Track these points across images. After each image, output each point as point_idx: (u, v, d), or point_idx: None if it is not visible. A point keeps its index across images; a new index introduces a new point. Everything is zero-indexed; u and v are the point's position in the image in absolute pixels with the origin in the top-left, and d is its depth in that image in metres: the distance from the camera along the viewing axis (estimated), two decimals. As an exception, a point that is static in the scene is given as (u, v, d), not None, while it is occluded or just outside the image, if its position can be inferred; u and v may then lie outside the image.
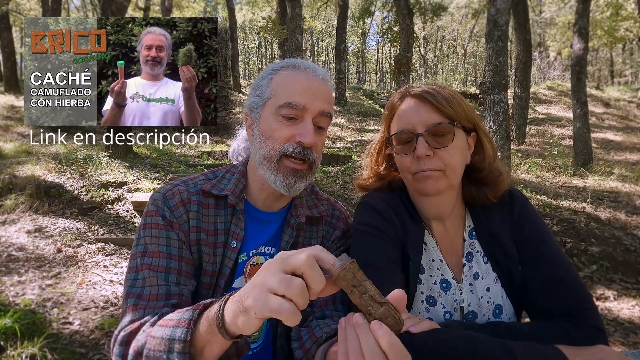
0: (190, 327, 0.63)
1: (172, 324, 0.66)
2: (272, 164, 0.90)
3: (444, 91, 0.94)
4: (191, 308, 0.67)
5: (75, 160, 5.82)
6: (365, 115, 14.09)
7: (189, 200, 0.93)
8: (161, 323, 0.70)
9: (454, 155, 0.91)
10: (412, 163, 0.93)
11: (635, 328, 3.01)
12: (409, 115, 0.94)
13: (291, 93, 0.89)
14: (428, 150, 0.90)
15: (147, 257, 0.84)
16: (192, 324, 0.63)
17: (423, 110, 0.92)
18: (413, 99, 0.95)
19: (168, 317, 0.70)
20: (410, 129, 0.93)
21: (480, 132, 0.98)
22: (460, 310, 0.93)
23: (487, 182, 0.97)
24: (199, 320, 0.64)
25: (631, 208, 5.27)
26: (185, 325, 0.64)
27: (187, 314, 0.66)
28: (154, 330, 0.69)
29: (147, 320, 0.75)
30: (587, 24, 8.14)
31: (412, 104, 0.94)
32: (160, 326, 0.69)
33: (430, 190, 0.92)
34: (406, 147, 0.94)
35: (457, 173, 0.93)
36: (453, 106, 0.91)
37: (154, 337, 0.67)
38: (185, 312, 0.67)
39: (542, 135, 11.58)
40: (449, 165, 0.91)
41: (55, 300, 2.85)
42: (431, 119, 0.91)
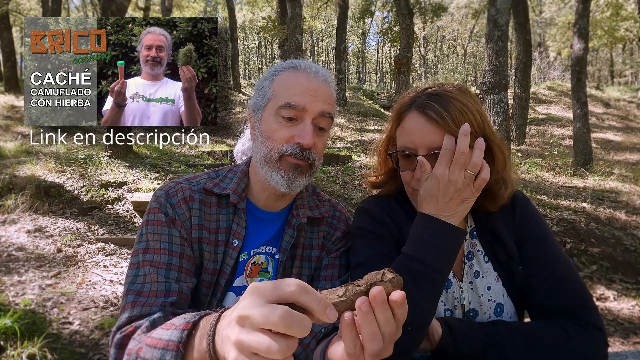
0: (180, 350, 0.61)
1: (162, 345, 0.64)
2: (273, 164, 0.90)
3: (454, 104, 0.87)
4: (180, 327, 0.64)
5: (76, 160, 5.82)
6: (365, 115, 14.09)
7: (192, 198, 0.93)
8: (149, 342, 0.67)
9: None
10: (412, 180, 0.92)
11: (635, 328, 3.01)
12: (413, 133, 0.90)
13: (291, 94, 0.90)
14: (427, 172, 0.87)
15: (149, 254, 0.85)
16: (182, 347, 0.61)
17: (427, 131, 0.87)
18: (420, 114, 0.89)
19: (157, 335, 0.67)
20: (412, 149, 0.90)
21: (492, 143, 0.91)
22: (462, 308, 0.93)
23: (487, 195, 0.92)
24: (190, 342, 0.62)
25: (631, 208, 5.27)
26: (174, 349, 0.62)
27: (176, 335, 0.63)
28: (144, 350, 0.67)
29: (141, 324, 0.75)
30: (587, 24, 8.14)
31: (418, 120, 0.89)
32: (148, 346, 0.66)
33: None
34: (407, 164, 0.92)
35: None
36: (458, 123, 0.85)
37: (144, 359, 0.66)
38: (175, 332, 0.63)
39: (542, 135, 11.59)
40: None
41: (55, 300, 2.85)
42: (433, 143, 0.86)
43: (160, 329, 0.68)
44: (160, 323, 0.73)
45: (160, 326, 0.70)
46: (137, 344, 0.70)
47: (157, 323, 0.74)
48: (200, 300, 0.92)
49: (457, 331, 0.83)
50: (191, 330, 0.63)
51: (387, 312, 0.51)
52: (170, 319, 0.71)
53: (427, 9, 17.78)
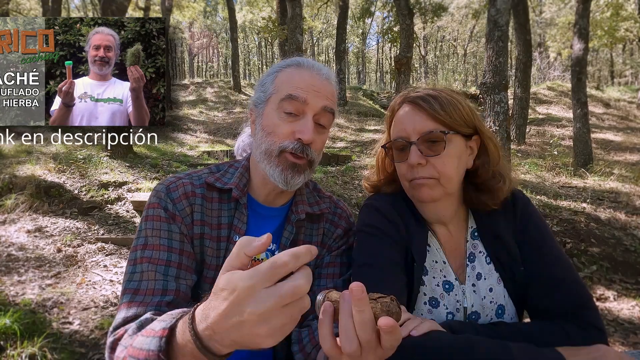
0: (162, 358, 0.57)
1: (143, 356, 0.60)
2: (272, 158, 0.90)
3: (442, 95, 0.92)
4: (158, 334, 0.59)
5: (75, 160, 5.82)
6: (365, 115, 14.09)
7: (194, 194, 0.93)
8: (132, 353, 0.63)
9: (447, 164, 0.90)
10: (407, 170, 0.93)
11: (635, 328, 3.01)
12: (404, 122, 0.94)
13: (294, 87, 0.90)
14: (420, 158, 0.90)
15: (148, 250, 0.84)
16: (163, 355, 0.57)
17: (417, 118, 0.91)
18: (409, 105, 0.94)
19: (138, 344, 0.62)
20: (404, 137, 0.93)
21: (483, 135, 0.96)
22: (464, 310, 0.93)
23: (486, 190, 0.95)
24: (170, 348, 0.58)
25: (631, 208, 5.27)
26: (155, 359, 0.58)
27: (154, 344, 0.58)
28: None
29: (129, 327, 0.72)
30: (587, 24, 8.14)
31: (408, 110, 0.94)
32: (131, 357, 0.63)
33: (425, 198, 0.92)
34: (402, 155, 0.94)
35: (452, 181, 0.92)
36: (449, 112, 0.90)
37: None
38: (153, 340, 0.59)
39: (542, 135, 11.59)
40: (442, 173, 0.90)
41: (55, 300, 2.85)
42: (424, 127, 0.90)
43: (141, 335, 0.65)
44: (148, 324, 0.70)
45: (141, 332, 0.67)
46: (122, 350, 0.68)
47: (144, 325, 0.71)
48: (202, 297, 0.91)
49: (460, 334, 0.82)
50: (169, 337, 0.58)
51: (364, 315, 0.49)
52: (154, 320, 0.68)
53: (427, 9, 17.78)
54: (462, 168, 0.94)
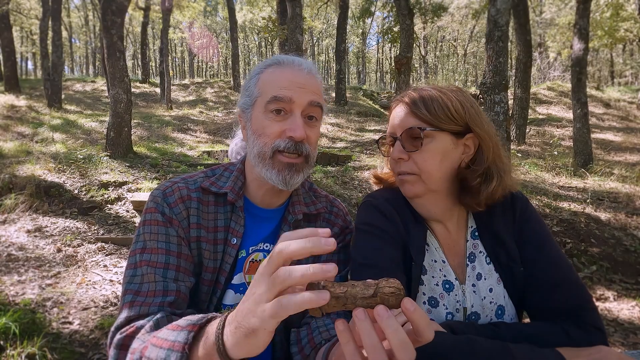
0: (185, 351, 0.61)
1: (167, 346, 0.63)
2: (267, 161, 0.90)
3: (429, 93, 0.93)
4: (186, 328, 0.64)
5: (75, 160, 5.81)
6: (365, 115, 14.08)
7: (189, 197, 0.93)
8: (155, 342, 0.66)
9: (428, 160, 0.91)
10: (394, 165, 0.97)
11: (635, 328, 3.00)
12: (393, 119, 0.98)
13: (277, 88, 0.89)
14: (401, 153, 0.92)
15: (146, 254, 0.85)
16: (187, 348, 0.61)
17: (402, 115, 0.95)
18: (399, 103, 0.99)
19: (163, 335, 0.66)
20: (392, 133, 0.97)
21: (476, 133, 0.93)
22: (463, 311, 0.93)
23: (468, 190, 0.93)
24: (195, 344, 0.62)
25: (631, 208, 5.26)
26: (179, 350, 0.61)
27: (182, 336, 0.62)
28: (149, 349, 0.66)
29: (142, 324, 0.74)
30: (588, 24, 8.13)
31: (398, 108, 0.98)
32: (154, 346, 0.66)
33: (407, 193, 0.95)
34: (390, 150, 0.99)
35: (433, 178, 0.92)
36: (430, 110, 0.90)
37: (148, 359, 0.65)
38: (180, 333, 0.63)
39: (542, 135, 11.59)
40: (422, 169, 0.91)
41: (55, 300, 2.84)
42: (406, 123, 0.93)
43: (166, 329, 0.68)
44: (164, 323, 0.73)
45: (165, 327, 0.70)
46: (141, 343, 0.70)
47: (160, 323, 0.74)
48: (200, 299, 0.92)
49: (460, 334, 0.82)
50: (197, 333, 0.62)
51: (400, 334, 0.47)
52: (174, 320, 0.71)
53: (427, 9, 17.76)
54: (447, 165, 0.93)
